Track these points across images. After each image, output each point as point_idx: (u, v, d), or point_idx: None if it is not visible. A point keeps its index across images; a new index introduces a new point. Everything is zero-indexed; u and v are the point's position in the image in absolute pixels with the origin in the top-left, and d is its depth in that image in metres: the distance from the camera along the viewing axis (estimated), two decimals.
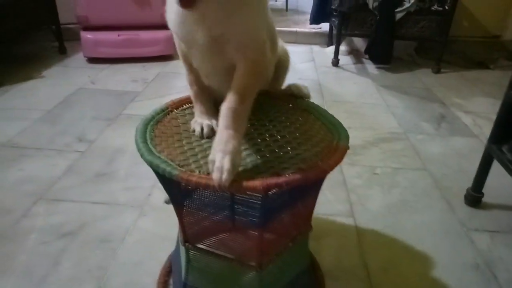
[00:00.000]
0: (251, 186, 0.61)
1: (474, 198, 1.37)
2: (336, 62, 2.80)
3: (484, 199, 1.38)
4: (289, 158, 0.70)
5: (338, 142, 0.75)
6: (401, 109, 2.16)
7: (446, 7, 2.57)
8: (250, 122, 0.80)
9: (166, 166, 0.65)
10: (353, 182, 1.49)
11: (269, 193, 0.62)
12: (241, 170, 0.65)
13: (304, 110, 0.91)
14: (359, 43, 3.12)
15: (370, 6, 2.56)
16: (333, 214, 1.32)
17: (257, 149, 0.74)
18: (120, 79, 2.36)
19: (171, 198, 0.75)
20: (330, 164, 0.67)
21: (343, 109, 2.13)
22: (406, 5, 2.54)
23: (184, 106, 0.91)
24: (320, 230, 1.23)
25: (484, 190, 1.37)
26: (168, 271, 1.04)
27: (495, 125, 1.30)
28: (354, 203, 1.38)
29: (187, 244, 0.80)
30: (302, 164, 0.68)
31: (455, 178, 1.55)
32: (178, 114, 0.88)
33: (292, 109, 0.92)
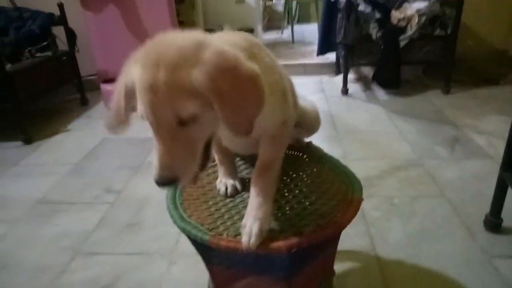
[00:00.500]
0: (276, 247, 0.67)
1: (493, 223, 1.39)
2: (345, 91, 2.87)
3: (503, 224, 1.40)
4: (308, 214, 0.77)
5: (353, 194, 0.81)
6: (413, 134, 2.21)
7: (448, 32, 2.64)
8: None
9: (197, 232, 0.73)
10: (371, 215, 1.53)
11: (292, 251, 0.68)
12: None
13: (318, 162, 0.97)
14: (367, 70, 3.20)
15: (374, 37, 2.65)
16: (354, 249, 1.36)
17: (278, 206, 0.81)
18: (140, 127, 2.47)
19: (202, 257, 0.82)
20: (347, 218, 0.74)
21: (356, 139, 2.19)
22: (409, 32, 2.62)
23: None
24: (343, 267, 1.27)
25: (502, 215, 1.39)
26: None
27: (506, 151, 1.33)
28: (374, 236, 1.41)
29: None
30: (320, 220, 0.74)
31: (474, 203, 1.57)
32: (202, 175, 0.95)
33: (307, 160, 0.99)
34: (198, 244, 0.75)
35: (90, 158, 2.12)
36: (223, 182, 0.87)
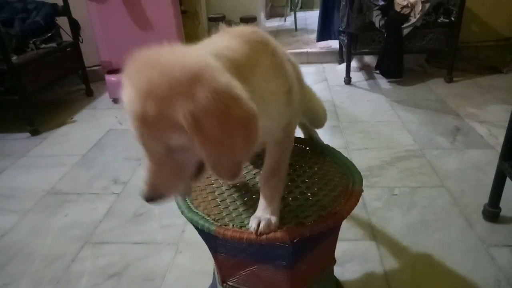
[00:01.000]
0: (279, 237, 0.71)
1: (492, 213, 1.42)
2: (348, 81, 2.88)
3: (501, 213, 1.43)
4: (310, 205, 0.80)
5: (354, 186, 0.84)
6: (415, 124, 2.23)
7: (453, 18, 2.63)
8: None
9: (204, 222, 0.76)
10: (373, 205, 1.56)
11: (294, 241, 0.72)
12: None
13: (320, 153, 1.00)
14: (370, 59, 3.20)
15: (377, 25, 2.64)
16: (355, 239, 1.40)
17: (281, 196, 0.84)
18: None
19: (209, 246, 0.86)
20: (347, 209, 0.77)
21: (359, 129, 2.21)
22: (412, 20, 2.61)
23: None
24: (343, 256, 1.31)
25: (501, 204, 1.42)
26: None
27: (505, 141, 1.36)
28: (375, 226, 1.45)
29: (225, 284, 0.90)
30: (322, 211, 0.77)
31: (473, 193, 1.60)
32: None
33: (309, 152, 1.01)
34: (204, 233, 0.78)
35: (97, 149, 2.16)
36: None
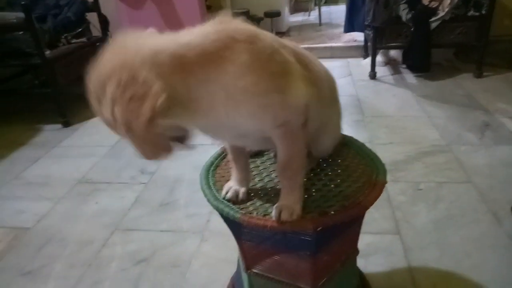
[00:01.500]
0: (303, 226, 0.72)
1: None
2: (373, 75, 2.85)
3: None
4: (333, 196, 0.81)
5: (377, 177, 0.85)
6: (442, 119, 2.18)
7: (483, 12, 2.55)
8: None
9: (229, 210, 0.79)
10: (397, 199, 1.55)
11: (317, 230, 0.73)
12: None
13: (344, 145, 1.01)
14: (396, 53, 3.15)
15: (404, 19, 2.60)
16: (379, 232, 1.39)
17: (304, 188, 0.85)
18: None
19: (234, 234, 0.89)
20: (370, 200, 0.77)
21: (384, 124, 2.19)
22: (441, 14, 2.55)
23: None
24: (367, 248, 1.31)
25: None
26: None
27: None
28: (400, 220, 1.44)
29: (249, 271, 0.92)
30: (345, 201, 0.78)
31: (502, 189, 1.56)
32: None
33: None
34: (230, 221, 0.81)
35: (125, 141, 2.22)
36: (228, 185, 0.86)
